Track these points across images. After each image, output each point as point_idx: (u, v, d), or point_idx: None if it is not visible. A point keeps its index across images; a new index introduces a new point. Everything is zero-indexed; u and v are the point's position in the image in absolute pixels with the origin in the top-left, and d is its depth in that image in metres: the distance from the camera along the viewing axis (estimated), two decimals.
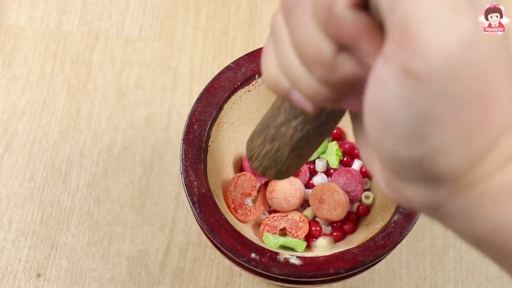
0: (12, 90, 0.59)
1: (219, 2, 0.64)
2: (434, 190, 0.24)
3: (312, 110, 0.27)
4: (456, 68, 0.20)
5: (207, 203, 0.41)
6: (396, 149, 0.23)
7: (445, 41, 0.20)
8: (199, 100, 0.44)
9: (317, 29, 0.24)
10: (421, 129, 0.22)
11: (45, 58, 0.61)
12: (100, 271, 0.53)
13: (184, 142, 0.43)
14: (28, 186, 0.56)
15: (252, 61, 0.45)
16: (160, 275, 0.53)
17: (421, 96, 0.21)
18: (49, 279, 0.52)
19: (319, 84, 0.25)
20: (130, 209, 0.55)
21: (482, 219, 0.23)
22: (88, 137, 0.57)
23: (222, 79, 0.45)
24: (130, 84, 0.60)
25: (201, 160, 0.42)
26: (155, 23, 0.62)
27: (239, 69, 0.45)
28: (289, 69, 0.26)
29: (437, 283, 0.53)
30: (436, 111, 0.21)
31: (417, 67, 0.20)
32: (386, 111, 0.22)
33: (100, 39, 0.62)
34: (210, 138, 0.44)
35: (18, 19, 0.62)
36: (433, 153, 0.22)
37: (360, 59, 0.23)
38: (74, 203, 0.55)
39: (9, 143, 0.57)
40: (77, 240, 0.54)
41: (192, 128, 0.43)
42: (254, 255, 0.40)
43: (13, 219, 0.54)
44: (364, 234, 0.43)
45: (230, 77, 0.45)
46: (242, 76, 0.45)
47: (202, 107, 0.44)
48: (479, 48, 0.21)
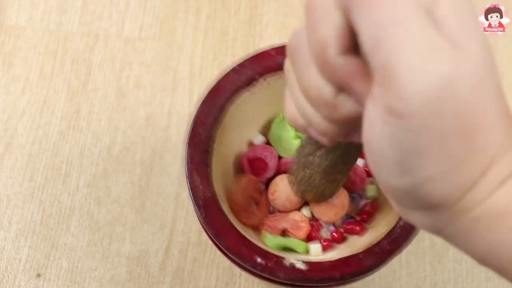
0: (12, 90, 0.59)
1: (219, 2, 0.64)
2: (432, 216, 0.26)
3: (329, 143, 0.30)
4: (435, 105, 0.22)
5: (212, 207, 0.41)
6: (389, 180, 0.25)
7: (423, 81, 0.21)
8: (203, 103, 0.44)
9: (317, 73, 0.26)
10: (408, 162, 0.23)
11: (45, 58, 0.61)
12: (100, 271, 0.53)
13: (189, 146, 0.43)
14: (28, 186, 0.56)
15: (256, 63, 0.45)
16: (160, 275, 0.53)
17: (405, 133, 0.22)
18: (49, 279, 0.52)
19: (327, 122, 0.28)
20: (130, 209, 0.55)
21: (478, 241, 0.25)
22: (88, 137, 0.57)
23: (226, 81, 0.45)
24: (130, 84, 0.60)
25: (206, 163, 0.42)
26: (155, 23, 0.62)
27: (243, 71, 0.45)
28: (301, 109, 0.29)
29: (437, 283, 0.53)
30: (421, 145, 0.23)
31: (399, 107, 0.22)
32: (377, 147, 0.24)
33: (100, 39, 0.62)
34: (215, 141, 0.44)
35: (18, 19, 0.62)
36: (423, 184, 0.24)
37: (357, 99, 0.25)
38: (74, 203, 0.55)
39: (9, 143, 0.57)
40: (77, 240, 0.54)
41: (196, 131, 0.43)
42: (260, 259, 0.40)
43: (13, 219, 0.54)
44: (369, 238, 0.43)
45: (233, 79, 0.45)
46: (246, 78, 0.45)
47: (206, 110, 0.44)
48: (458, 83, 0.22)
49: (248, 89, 0.45)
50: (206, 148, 0.43)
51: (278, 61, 0.45)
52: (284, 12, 0.63)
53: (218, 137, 0.44)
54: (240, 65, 0.45)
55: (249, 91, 0.45)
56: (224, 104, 0.44)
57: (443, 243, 0.54)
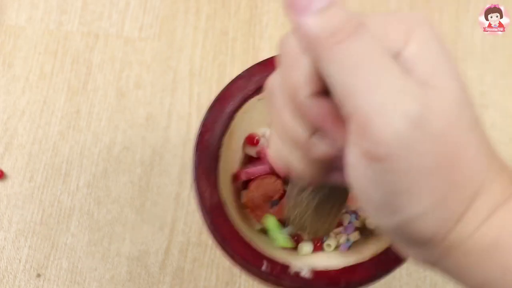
0: (12, 90, 0.59)
1: (219, 2, 0.64)
2: (425, 252, 0.26)
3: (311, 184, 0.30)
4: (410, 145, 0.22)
5: (219, 212, 0.41)
6: (377, 218, 0.25)
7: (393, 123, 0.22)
8: (211, 109, 0.44)
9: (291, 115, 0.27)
10: (393, 201, 0.24)
11: (45, 58, 0.61)
12: (100, 271, 0.53)
13: (197, 150, 0.43)
14: (28, 186, 0.56)
15: (264, 70, 0.45)
16: (160, 275, 0.53)
17: (386, 174, 0.23)
18: (49, 279, 0.52)
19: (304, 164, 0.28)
20: (130, 209, 0.55)
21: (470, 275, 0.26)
22: (88, 137, 0.57)
23: (234, 88, 0.45)
24: (130, 84, 0.60)
25: (213, 169, 0.42)
26: (155, 23, 0.62)
27: (250, 78, 0.45)
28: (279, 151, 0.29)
29: (437, 283, 0.53)
30: (402, 185, 0.23)
31: (376, 151, 0.23)
32: (362, 189, 0.25)
33: (100, 39, 0.62)
34: (222, 147, 0.44)
35: (18, 19, 0.62)
36: (410, 222, 0.24)
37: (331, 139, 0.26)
38: (74, 203, 0.55)
39: (9, 143, 0.57)
40: (77, 240, 0.54)
41: (204, 137, 0.43)
42: (265, 267, 0.40)
43: (13, 219, 0.54)
44: (375, 245, 0.43)
45: (241, 86, 0.45)
46: (254, 85, 0.45)
47: (214, 116, 0.44)
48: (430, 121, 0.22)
49: (255, 95, 0.45)
50: (214, 154, 0.43)
51: None
52: (284, 12, 0.63)
53: (225, 143, 0.44)
54: (247, 71, 0.45)
55: (256, 98, 0.45)
56: (233, 110, 0.44)
57: None
